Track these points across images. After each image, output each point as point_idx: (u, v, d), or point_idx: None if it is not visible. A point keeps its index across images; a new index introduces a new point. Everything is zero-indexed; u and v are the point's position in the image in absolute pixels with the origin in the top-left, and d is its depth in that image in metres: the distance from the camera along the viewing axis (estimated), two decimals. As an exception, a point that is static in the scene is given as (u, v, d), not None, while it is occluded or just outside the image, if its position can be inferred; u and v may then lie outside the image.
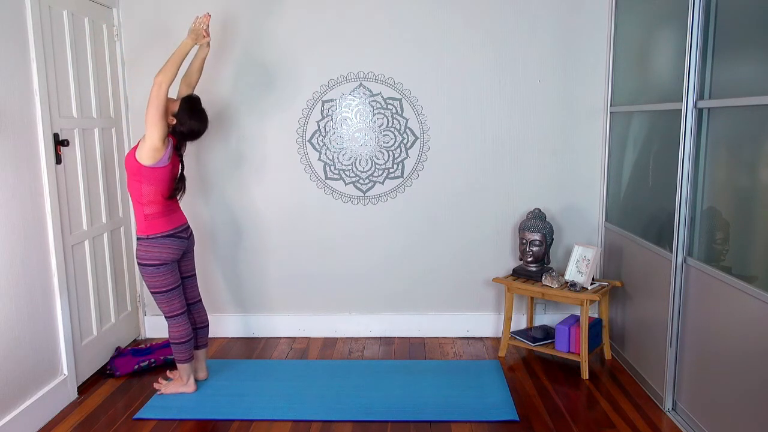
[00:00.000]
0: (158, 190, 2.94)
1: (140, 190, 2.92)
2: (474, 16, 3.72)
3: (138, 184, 2.91)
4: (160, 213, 2.98)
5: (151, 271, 2.98)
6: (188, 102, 3.00)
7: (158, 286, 3.02)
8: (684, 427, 2.83)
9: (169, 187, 2.99)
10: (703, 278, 2.69)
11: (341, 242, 3.96)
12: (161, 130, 2.84)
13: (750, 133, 2.44)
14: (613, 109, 3.70)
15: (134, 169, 2.89)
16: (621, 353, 3.59)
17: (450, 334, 4.03)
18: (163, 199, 2.97)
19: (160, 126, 2.83)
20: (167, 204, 3.01)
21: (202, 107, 3.04)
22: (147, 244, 2.97)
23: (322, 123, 3.84)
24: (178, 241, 3.04)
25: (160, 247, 2.97)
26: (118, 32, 3.75)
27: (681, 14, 2.80)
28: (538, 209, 3.68)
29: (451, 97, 3.80)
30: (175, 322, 3.10)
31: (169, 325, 3.11)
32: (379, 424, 2.91)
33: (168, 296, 3.05)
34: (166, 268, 3.01)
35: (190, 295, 3.25)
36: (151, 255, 2.96)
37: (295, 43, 3.76)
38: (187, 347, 3.13)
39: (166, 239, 2.99)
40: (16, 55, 2.81)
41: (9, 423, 2.69)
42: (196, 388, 3.21)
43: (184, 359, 3.14)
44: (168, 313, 3.09)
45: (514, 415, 2.96)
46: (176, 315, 3.09)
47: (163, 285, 3.02)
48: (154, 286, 3.02)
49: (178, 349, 3.12)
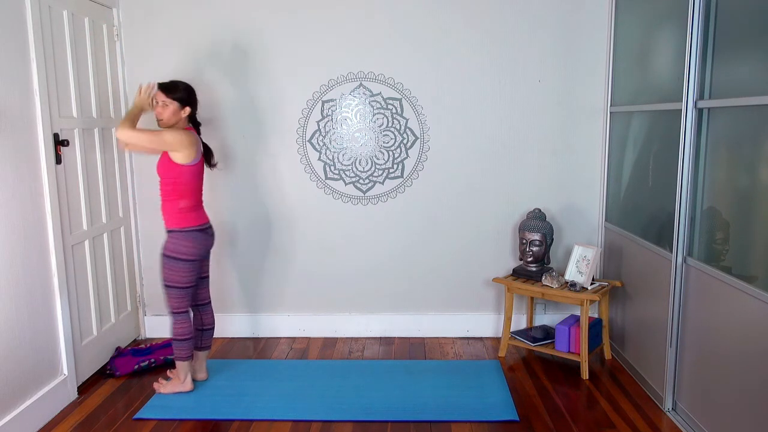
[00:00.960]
0: (194, 183, 3.07)
1: (177, 186, 3.02)
2: (474, 16, 3.72)
3: (174, 180, 3.01)
4: (193, 207, 3.08)
5: (176, 266, 3.04)
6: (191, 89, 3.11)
7: (176, 281, 3.06)
8: (684, 427, 2.83)
9: (202, 179, 3.13)
10: (703, 278, 2.69)
11: (341, 242, 3.96)
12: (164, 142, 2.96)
13: (750, 133, 2.44)
14: (613, 109, 3.70)
15: (171, 170, 3.00)
16: (621, 353, 3.59)
17: (450, 334, 4.03)
18: (197, 192, 3.11)
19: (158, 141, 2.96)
20: (199, 199, 3.13)
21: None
22: (179, 237, 3.04)
23: (322, 123, 3.84)
24: (206, 237, 3.14)
25: (191, 242, 3.06)
26: (118, 32, 3.75)
27: (681, 14, 2.80)
28: (538, 209, 3.68)
29: (451, 97, 3.80)
30: (180, 319, 3.12)
31: (173, 321, 3.12)
32: (379, 424, 2.91)
33: (181, 293, 3.09)
34: (191, 266, 3.08)
35: (202, 296, 3.28)
36: (182, 249, 3.04)
37: (295, 42, 3.76)
38: (188, 345, 3.14)
39: (197, 233, 3.08)
40: (16, 55, 2.81)
41: (9, 423, 2.69)
42: (193, 387, 3.21)
43: (185, 357, 3.15)
44: (175, 308, 3.11)
45: (514, 415, 2.96)
46: (182, 312, 3.12)
47: (181, 281, 3.07)
48: (173, 280, 3.06)
49: (179, 346, 3.13)
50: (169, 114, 3.01)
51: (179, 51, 3.78)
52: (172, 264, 3.05)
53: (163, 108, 3.01)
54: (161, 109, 3.02)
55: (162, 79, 3.77)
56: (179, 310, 3.12)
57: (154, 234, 3.97)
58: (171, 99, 3.01)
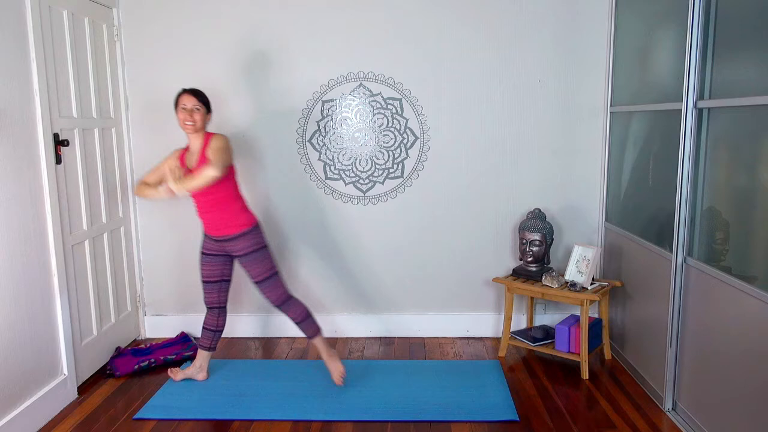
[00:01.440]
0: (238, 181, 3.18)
1: (231, 189, 3.09)
2: (474, 16, 3.72)
3: (228, 184, 3.06)
4: (246, 203, 3.18)
5: (266, 254, 3.13)
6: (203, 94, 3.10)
7: (272, 267, 3.14)
8: (684, 427, 2.83)
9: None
10: (703, 278, 2.69)
11: (341, 242, 3.96)
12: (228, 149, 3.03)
13: (750, 133, 2.44)
14: (613, 109, 3.70)
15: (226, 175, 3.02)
16: (621, 353, 3.59)
17: (450, 334, 4.03)
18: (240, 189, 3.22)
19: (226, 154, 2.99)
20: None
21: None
22: (254, 234, 3.11)
23: (322, 123, 3.84)
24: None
25: (262, 233, 3.17)
26: (118, 32, 3.75)
27: (681, 14, 2.80)
28: (538, 209, 3.68)
29: (451, 97, 3.80)
30: (296, 300, 3.19)
31: (291, 306, 3.16)
32: (379, 424, 2.91)
33: (280, 276, 3.18)
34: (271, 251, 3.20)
35: (224, 297, 3.29)
36: (261, 240, 3.13)
37: (295, 42, 3.76)
38: (314, 319, 3.23)
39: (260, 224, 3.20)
40: (16, 55, 2.81)
41: (9, 423, 2.69)
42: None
43: (319, 329, 3.23)
44: (286, 293, 3.17)
45: (514, 415, 2.96)
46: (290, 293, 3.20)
47: (276, 266, 3.17)
48: (270, 267, 3.13)
49: (311, 323, 3.21)
50: (200, 117, 3.02)
51: (179, 51, 3.78)
52: (263, 254, 3.11)
53: (195, 113, 3.00)
54: (194, 114, 2.99)
55: (162, 80, 3.81)
56: (289, 293, 3.18)
57: (154, 234, 3.97)
58: (201, 103, 3.02)
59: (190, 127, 3.00)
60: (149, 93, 3.83)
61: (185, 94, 3.03)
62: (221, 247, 3.15)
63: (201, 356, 3.35)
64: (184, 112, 2.99)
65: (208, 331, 3.31)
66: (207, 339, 3.32)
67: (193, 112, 2.99)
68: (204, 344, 3.33)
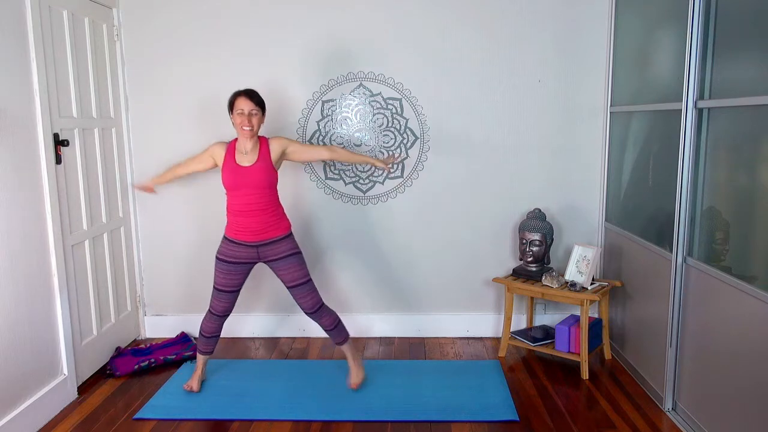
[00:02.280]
0: None
1: (276, 190, 3.09)
2: (474, 16, 3.72)
3: (275, 185, 3.07)
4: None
5: (304, 258, 3.16)
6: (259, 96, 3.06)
7: (308, 271, 3.16)
8: (684, 427, 2.83)
9: None
10: (703, 278, 2.69)
11: (341, 242, 3.96)
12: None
13: (750, 133, 2.44)
14: (613, 109, 3.70)
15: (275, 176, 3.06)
16: (621, 353, 3.59)
17: (450, 334, 4.03)
18: None
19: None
20: None
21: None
22: (293, 236, 3.15)
23: (322, 123, 3.84)
24: None
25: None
26: (118, 32, 3.75)
27: (681, 14, 2.80)
28: (538, 209, 3.68)
29: (451, 96, 3.80)
30: (327, 308, 3.20)
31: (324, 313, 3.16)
32: (379, 424, 2.91)
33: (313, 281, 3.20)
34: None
35: (233, 306, 3.21)
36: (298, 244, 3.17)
37: (294, 42, 3.76)
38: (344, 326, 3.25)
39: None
40: (16, 55, 2.81)
41: (9, 423, 2.69)
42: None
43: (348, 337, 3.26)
44: (321, 298, 3.17)
45: (514, 415, 2.96)
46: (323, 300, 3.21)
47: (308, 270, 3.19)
48: (308, 272, 3.15)
49: (341, 329, 3.22)
50: (258, 121, 2.99)
51: (179, 51, 3.78)
52: (302, 259, 3.13)
53: (253, 117, 2.97)
54: (252, 118, 2.96)
55: (162, 80, 3.81)
56: (323, 301, 3.20)
57: (154, 234, 3.97)
58: (258, 106, 2.99)
59: (248, 132, 2.96)
60: (149, 93, 3.83)
61: (242, 98, 2.97)
62: (254, 253, 3.05)
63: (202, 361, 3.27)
64: (241, 116, 2.95)
65: (209, 339, 3.22)
66: (210, 345, 3.24)
67: (251, 117, 2.96)
68: (206, 350, 3.24)
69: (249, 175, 2.98)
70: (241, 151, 3.03)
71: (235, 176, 2.99)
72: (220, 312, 3.16)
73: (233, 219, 3.05)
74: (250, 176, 2.98)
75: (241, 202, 3.00)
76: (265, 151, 3.04)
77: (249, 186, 2.98)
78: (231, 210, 3.05)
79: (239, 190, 2.99)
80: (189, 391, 3.21)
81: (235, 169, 2.99)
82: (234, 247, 3.06)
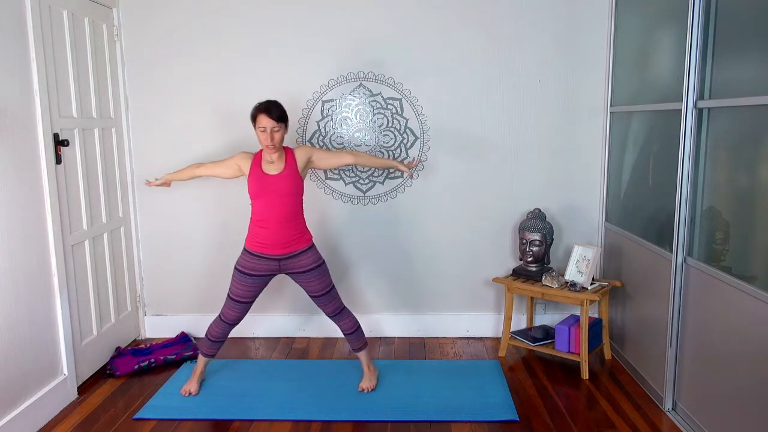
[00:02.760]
0: None
1: (302, 201, 3.08)
2: (474, 16, 3.72)
3: (301, 195, 3.07)
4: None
5: (327, 267, 3.18)
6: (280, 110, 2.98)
7: (331, 278, 3.21)
8: (684, 427, 2.83)
9: None
10: (703, 278, 2.69)
11: (341, 242, 3.96)
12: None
13: (750, 133, 2.44)
14: (613, 109, 3.70)
15: (302, 185, 3.05)
16: (621, 353, 3.59)
17: (450, 334, 4.03)
18: None
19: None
20: None
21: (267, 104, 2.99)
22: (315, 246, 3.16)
23: (322, 123, 3.84)
24: None
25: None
26: (118, 32, 3.75)
27: (681, 14, 2.80)
28: (538, 209, 3.68)
29: (451, 97, 3.80)
30: (348, 311, 3.25)
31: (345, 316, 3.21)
32: (379, 424, 2.91)
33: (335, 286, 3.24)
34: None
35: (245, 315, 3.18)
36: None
37: (295, 42, 3.76)
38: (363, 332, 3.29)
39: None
40: (16, 55, 2.81)
41: (9, 423, 2.69)
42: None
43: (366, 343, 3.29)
44: (342, 302, 3.23)
45: (514, 415, 2.96)
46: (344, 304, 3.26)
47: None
48: (331, 279, 3.19)
49: (360, 334, 3.25)
50: (280, 137, 2.94)
51: (179, 51, 3.78)
52: (326, 268, 3.15)
53: (275, 134, 2.91)
54: (275, 136, 2.90)
55: (162, 80, 3.81)
56: (344, 304, 3.24)
57: (154, 234, 3.97)
58: (280, 123, 2.92)
59: (272, 150, 2.94)
60: (149, 93, 3.83)
61: (262, 114, 2.90)
62: (276, 266, 3.05)
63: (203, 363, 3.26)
64: (264, 133, 2.90)
65: (214, 342, 3.20)
66: (214, 349, 3.22)
67: (273, 134, 2.90)
68: (209, 353, 3.23)
69: (275, 183, 2.97)
70: (267, 161, 3.01)
71: (262, 184, 2.97)
72: (231, 321, 3.14)
73: (257, 231, 3.02)
74: (277, 184, 2.97)
75: (266, 211, 2.98)
76: (291, 160, 3.02)
77: (275, 194, 2.97)
78: (255, 220, 3.03)
79: (265, 198, 2.97)
80: (187, 395, 3.18)
81: (262, 177, 2.98)
82: (255, 260, 3.04)
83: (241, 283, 3.07)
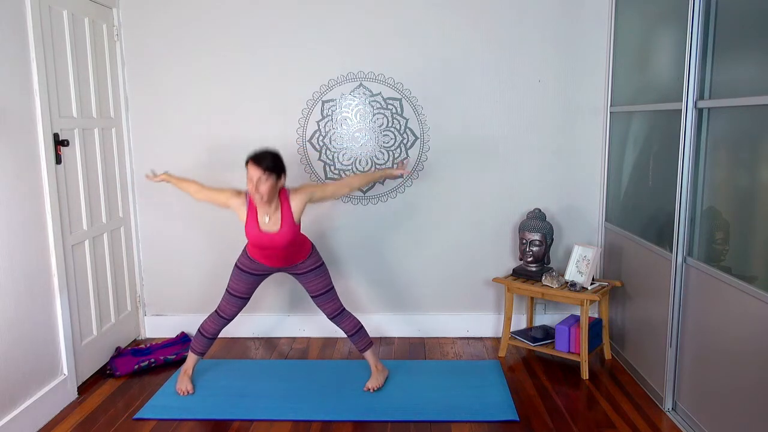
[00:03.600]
0: None
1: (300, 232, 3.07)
2: (474, 16, 3.72)
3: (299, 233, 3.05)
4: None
5: (327, 268, 3.22)
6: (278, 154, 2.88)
7: (331, 279, 3.22)
8: (684, 427, 2.83)
9: None
10: (703, 278, 2.69)
11: (341, 242, 3.96)
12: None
13: (750, 133, 2.44)
14: (613, 109, 3.70)
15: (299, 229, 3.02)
16: (621, 353, 3.59)
17: (450, 334, 4.03)
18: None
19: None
20: None
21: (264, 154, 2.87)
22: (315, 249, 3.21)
23: (322, 123, 3.84)
24: None
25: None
26: (118, 32, 3.75)
27: (681, 14, 2.80)
28: (538, 209, 3.68)
29: (451, 97, 3.80)
30: (348, 313, 3.25)
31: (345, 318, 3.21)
32: (379, 424, 2.91)
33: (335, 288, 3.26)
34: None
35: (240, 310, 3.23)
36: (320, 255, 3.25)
37: (294, 42, 3.76)
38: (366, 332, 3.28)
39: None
40: (16, 55, 2.81)
41: (9, 423, 2.69)
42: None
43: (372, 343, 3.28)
44: (341, 303, 3.24)
45: (514, 415, 2.96)
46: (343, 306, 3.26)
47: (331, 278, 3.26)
48: (331, 280, 3.21)
49: (363, 334, 3.24)
50: (269, 188, 2.78)
51: (179, 51, 3.78)
52: (325, 269, 3.18)
53: (262, 184, 2.77)
54: (261, 186, 2.76)
55: (162, 80, 3.81)
56: (343, 306, 3.25)
57: (154, 234, 3.97)
58: (268, 172, 2.77)
59: (259, 201, 2.82)
60: (149, 93, 3.83)
61: (250, 164, 2.77)
62: (278, 269, 3.14)
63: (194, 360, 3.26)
64: (250, 183, 2.78)
65: (207, 339, 3.21)
66: (206, 346, 3.23)
67: (259, 184, 2.76)
68: (201, 350, 3.23)
69: (274, 239, 2.93)
70: (263, 214, 2.91)
71: (259, 239, 2.95)
72: (228, 315, 3.18)
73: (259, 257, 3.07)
74: (275, 240, 2.94)
75: (264, 255, 3.04)
76: (288, 212, 2.92)
77: (276, 247, 2.98)
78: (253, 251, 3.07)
79: (266, 250, 3.00)
80: (185, 394, 3.19)
81: (260, 235, 2.93)
82: (256, 264, 3.11)
83: (240, 279, 3.14)
